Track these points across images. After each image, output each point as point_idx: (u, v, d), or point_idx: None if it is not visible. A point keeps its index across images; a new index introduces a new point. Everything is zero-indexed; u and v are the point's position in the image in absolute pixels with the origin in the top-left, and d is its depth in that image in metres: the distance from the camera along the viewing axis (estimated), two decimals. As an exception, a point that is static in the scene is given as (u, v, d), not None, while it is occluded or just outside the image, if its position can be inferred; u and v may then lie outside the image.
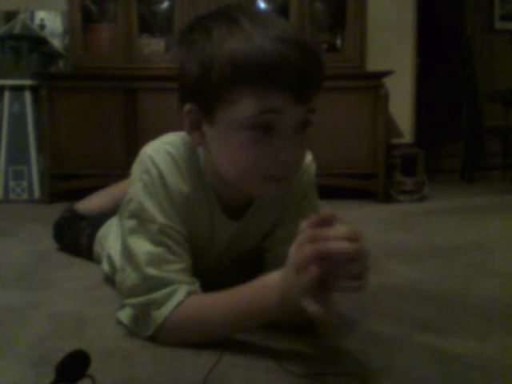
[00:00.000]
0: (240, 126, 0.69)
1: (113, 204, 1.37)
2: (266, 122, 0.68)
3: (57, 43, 2.98)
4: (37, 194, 2.77)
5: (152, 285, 0.75)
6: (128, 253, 0.79)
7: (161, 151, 0.80)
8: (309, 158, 0.90)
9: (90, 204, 1.47)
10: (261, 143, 0.69)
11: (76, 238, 1.36)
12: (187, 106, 0.74)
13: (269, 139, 0.69)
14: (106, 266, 1.10)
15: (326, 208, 0.93)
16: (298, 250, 0.60)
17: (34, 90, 2.74)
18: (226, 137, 0.71)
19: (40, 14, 2.99)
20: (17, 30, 2.74)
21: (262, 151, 0.69)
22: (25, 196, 2.77)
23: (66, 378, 0.56)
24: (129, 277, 0.78)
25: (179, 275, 0.76)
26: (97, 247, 1.27)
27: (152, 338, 0.76)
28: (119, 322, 0.82)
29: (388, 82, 2.76)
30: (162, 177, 0.78)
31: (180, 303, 0.73)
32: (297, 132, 0.71)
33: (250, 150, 0.69)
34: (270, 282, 0.68)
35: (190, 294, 0.74)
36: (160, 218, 0.77)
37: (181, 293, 0.74)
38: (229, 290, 0.73)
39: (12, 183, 2.77)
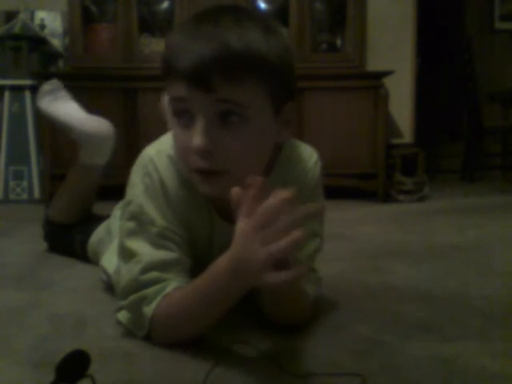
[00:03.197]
0: (170, 114, 0.74)
1: (84, 202, 1.37)
2: (177, 108, 0.72)
3: (57, 43, 2.98)
4: (37, 194, 2.77)
5: (146, 283, 0.75)
6: (125, 254, 0.79)
7: (162, 154, 0.80)
8: (313, 159, 0.88)
9: (64, 214, 1.38)
10: (182, 131, 0.72)
11: (69, 247, 1.35)
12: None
13: (187, 127, 0.71)
14: (104, 277, 1.09)
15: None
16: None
17: (34, 89, 2.74)
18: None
19: (40, 14, 2.99)
20: (17, 30, 2.74)
21: (182, 138, 0.72)
22: (25, 196, 2.77)
23: (66, 378, 0.56)
24: (124, 278, 0.78)
25: (177, 276, 0.76)
26: (92, 257, 1.25)
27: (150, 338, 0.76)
28: (119, 322, 0.82)
29: (388, 82, 2.76)
30: (162, 181, 0.79)
31: (166, 295, 0.73)
32: (222, 120, 0.69)
33: (177, 137, 0.74)
34: (219, 265, 0.67)
35: (178, 288, 0.74)
36: (160, 221, 0.77)
37: (170, 287, 0.74)
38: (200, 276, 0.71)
39: (12, 183, 2.77)
